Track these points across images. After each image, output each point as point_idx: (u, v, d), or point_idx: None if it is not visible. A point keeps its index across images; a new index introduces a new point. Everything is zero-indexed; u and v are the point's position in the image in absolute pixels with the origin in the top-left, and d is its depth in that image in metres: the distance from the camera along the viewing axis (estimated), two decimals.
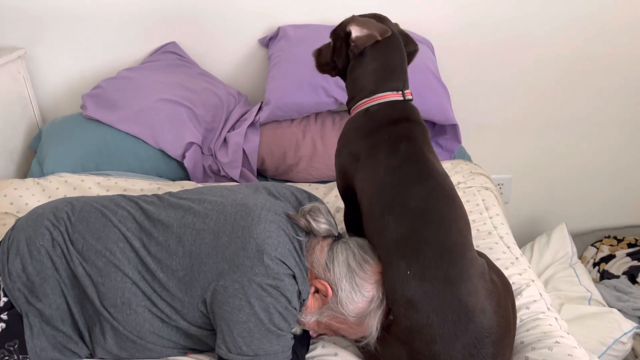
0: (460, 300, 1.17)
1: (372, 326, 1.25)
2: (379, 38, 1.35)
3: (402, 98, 1.38)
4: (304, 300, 1.29)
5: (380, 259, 1.26)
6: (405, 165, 1.29)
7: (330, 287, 1.25)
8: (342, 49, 1.43)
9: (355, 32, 1.37)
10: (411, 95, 1.39)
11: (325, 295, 1.26)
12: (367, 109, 1.37)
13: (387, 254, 1.24)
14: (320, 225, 1.29)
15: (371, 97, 1.37)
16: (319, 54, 1.53)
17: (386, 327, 1.24)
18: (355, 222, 1.38)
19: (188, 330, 1.29)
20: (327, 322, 1.30)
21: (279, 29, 2.24)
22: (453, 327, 1.16)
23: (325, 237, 1.31)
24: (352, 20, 1.40)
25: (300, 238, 1.28)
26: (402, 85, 1.40)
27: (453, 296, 1.17)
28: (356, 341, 1.34)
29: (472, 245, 1.27)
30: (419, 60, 2.07)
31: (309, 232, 1.30)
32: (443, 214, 1.25)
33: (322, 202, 1.40)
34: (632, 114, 2.45)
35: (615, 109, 2.44)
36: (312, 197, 1.44)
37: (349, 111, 1.46)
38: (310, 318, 1.30)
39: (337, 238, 1.32)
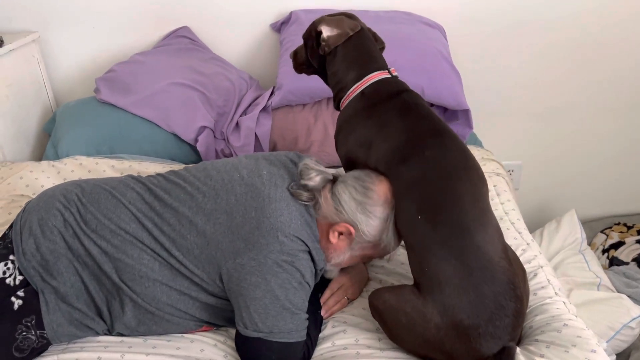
0: (479, 247, 1.18)
1: (389, 237, 1.31)
2: (351, 33, 1.41)
3: (390, 75, 1.41)
4: (321, 269, 1.33)
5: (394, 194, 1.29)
6: (419, 124, 1.32)
7: (350, 225, 1.29)
8: (315, 49, 1.46)
9: (326, 32, 1.41)
10: (396, 72, 1.43)
11: (350, 234, 1.30)
12: (362, 92, 1.39)
13: (399, 199, 1.27)
14: (314, 179, 1.32)
15: (362, 81, 1.40)
16: (295, 55, 1.55)
17: (414, 288, 1.25)
18: None
19: (207, 300, 1.32)
20: (360, 253, 1.35)
21: (291, 13, 2.24)
22: (481, 275, 1.16)
23: (324, 187, 1.34)
24: (322, 20, 1.44)
25: (307, 202, 1.31)
26: (382, 64, 1.43)
27: (472, 242, 1.18)
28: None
29: (486, 197, 1.28)
30: (431, 45, 2.09)
31: (311, 190, 1.33)
32: (456, 163, 1.27)
33: (309, 157, 1.42)
34: None
35: (627, 95, 2.43)
36: (301, 156, 1.46)
37: (338, 107, 1.47)
38: (344, 256, 1.35)
39: (334, 181, 1.35)
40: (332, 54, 1.43)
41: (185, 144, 2.03)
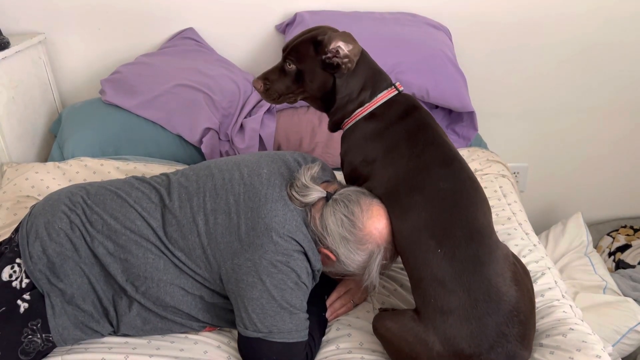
0: (489, 280, 1.19)
1: (372, 273, 1.29)
2: (360, 47, 1.34)
3: (397, 91, 1.38)
4: (318, 270, 1.33)
5: (404, 236, 1.27)
6: (429, 151, 1.30)
7: (332, 253, 1.29)
8: (319, 70, 1.34)
9: (345, 47, 1.30)
10: (402, 87, 1.40)
11: (332, 260, 1.31)
12: (371, 113, 1.36)
13: (415, 231, 1.25)
14: (309, 197, 1.30)
15: (372, 101, 1.37)
16: (267, 82, 1.38)
17: (415, 315, 1.24)
18: None
19: (210, 300, 1.33)
20: (343, 276, 1.36)
21: (295, 15, 2.24)
22: (485, 307, 1.17)
23: (317, 203, 1.31)
24: (334, 36, 1.31)
25: (304, 208, 1.31)
26: (390, 80, 1.40)
27: (483, 276, 1.19)
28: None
29: (493, 228, 1.29)
30: (437, 47, 2.08)
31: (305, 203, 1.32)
32: (470, 195, 1.27)
33: (313, 162, 1.39)
34: None
35: (634, 97, 2.41)
36: (306, 157, 1.44)
37: (338, 126, 1.43)
38: (328, 270, 1.36)
39: (328, 197, 1.32)
40: (348, 72, 1.34)
41: (190, 146, 2.04)
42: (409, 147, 1.31)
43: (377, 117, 1.35)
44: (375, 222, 1.28)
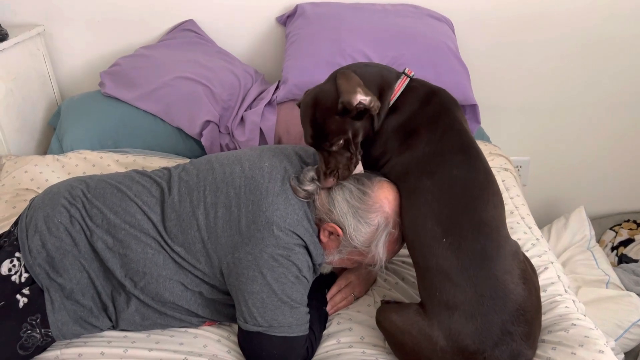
0: (497, 276, 1.17)
1: (379, 248, 1.27)
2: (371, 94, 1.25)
3: (409, 78, 1.35)
4: (320, 264, 1.32)
5: (410, 219, 1.24)
6: (447, 136, 1.27)
7: (339, 226, 1.27)
8: (358, 124, 1.26)
9: (364, 95, 1.22)
10: (412, 72, 1.36)
11: (338, 235, 1.29)
12: (392, 106, 1.33)
13: (420, 216, 1.23)
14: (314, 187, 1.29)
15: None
16: (334, 171, 1.28)
17: (420, 309, 1.23)
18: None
19: (209, 295, 1.32)
20: (349, 257, 1.33)
21: (296, 6, 2.22)
22: (492, 304, 1.16)
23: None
24: (347, 93, 1.21)
25: (306, 200, 1.30)
26: (395, 70, 1.36)
27: (490, 272, 1.17)
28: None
29: (505, 222, 1.26)
30: (439, 39, 2.07)
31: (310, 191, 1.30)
32: (482, 186, 1.24)
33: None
34: None
35: (636, 91, 2.40)
36: (308, 150, 1.42)
37: None
38: (334, 257, 1.33)
39: None
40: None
41: (190, 139, 2.03)
42: (428, 132, 1.28)
43: (399, 108, 1.32)
44: (386, 192, 1.27)
